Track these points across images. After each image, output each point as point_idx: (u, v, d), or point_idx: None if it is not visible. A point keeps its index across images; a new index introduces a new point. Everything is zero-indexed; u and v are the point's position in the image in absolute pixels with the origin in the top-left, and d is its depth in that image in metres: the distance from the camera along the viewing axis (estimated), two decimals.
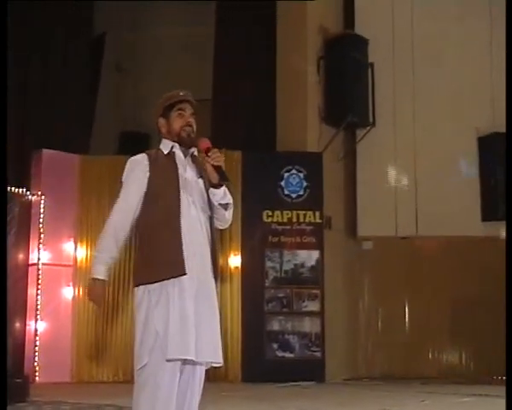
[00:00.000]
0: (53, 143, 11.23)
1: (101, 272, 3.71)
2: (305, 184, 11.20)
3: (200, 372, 3.74)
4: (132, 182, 3.77)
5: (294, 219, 11.10)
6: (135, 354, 3.65)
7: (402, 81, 12.10)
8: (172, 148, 3.85)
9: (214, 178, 3.78)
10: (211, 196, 3.82)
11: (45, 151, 11.11)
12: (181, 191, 3.73)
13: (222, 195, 3.83)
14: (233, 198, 3.98)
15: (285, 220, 11.09)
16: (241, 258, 10.89)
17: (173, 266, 3.60)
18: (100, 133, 13.64)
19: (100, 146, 13.26)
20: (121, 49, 14.65)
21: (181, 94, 3.90)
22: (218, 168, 3.76)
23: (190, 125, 3.86)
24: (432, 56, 12.12)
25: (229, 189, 3.91)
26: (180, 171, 3.79)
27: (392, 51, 12.22)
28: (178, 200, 3.70)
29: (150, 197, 3.72)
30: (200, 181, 3.85)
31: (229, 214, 3.92)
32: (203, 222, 3.78)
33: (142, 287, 3.68)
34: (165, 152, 3.84)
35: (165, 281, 3.60)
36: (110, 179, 11.12)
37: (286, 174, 11.20)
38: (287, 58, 12.01)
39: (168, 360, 3.52)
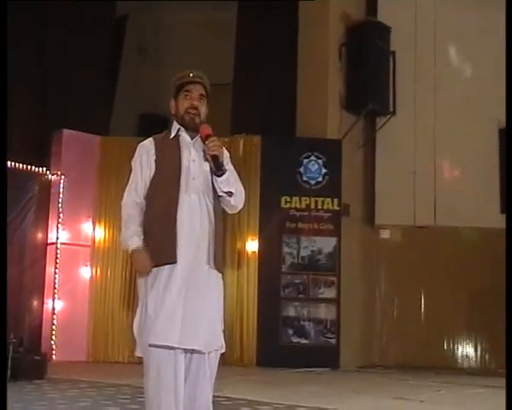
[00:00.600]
0: (73, 124, 11.28)
1: (136, 242, 3.63)
2: (323, 170, 11.19)
3: (210, 359, 3.67)
4: (139, 166, 3.76)
5: (312, 206, 11.10)
6: (135, 336, 3.67)
7: (423, 70, 12.04)
8: (179, 130, 3.79)
9: (212, 166, 3.72)
10: (215, 183, 3.73)
11: (66, 131, 11.17)
12: (182, 176, 3.66)
13: (224, 183, 3.72)
14: (251, 183, 3.95)
15: (303, 207, 11.09)
16: (259, 243, 10.90)
17: (165, 253, 3.57)
18: (120, 114, 13.66)
19: (119, 127, 13.29)
20: (143, 31, 14.64)
21: (190, 75, 3.79)
22: (213, 157, 3.67)
23: (195, 108, 3.76)
24: (454, 45, 12.04)
25: (240, 176, 3.85)
26: (184, 154, 3.73)
27: (415, 40, 12.14)
28: (178, 185, 3.64)
29: (154, 181, 3.71)
30: (206, 165, 3.74)
31: (234, 201, 3.80)
32: (205, 208, 3.69)
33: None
34: (172, 135, 3.79)
35: (160, 267, 3.58)
36: (129, 160, 11.11)
37: (305, 160, 11.19)
38: (308, 44, 11.97)
39: (150, 345, 3.52)
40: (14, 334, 7.89)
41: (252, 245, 10.90)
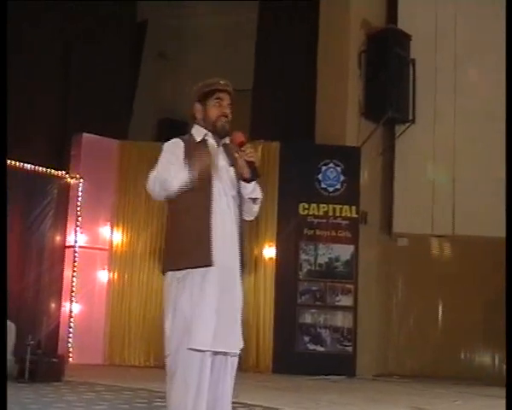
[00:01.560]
0: (93, 128, 11.33)
1: (182, 170, 3.61)
2: (342, 178, 11.17)
3: (231, 360, 3.73)
4: (169, 155, 3.72)
5: (330, 213, 11.07)
6: (165, 340, 3.66)
7: (443, 78, 11.99)
8: (205, 136, 3.82)
9: (246, 172, 3.76)
10: (241, 189, 3.81)
11: (85, 135, 11.23)
12: (213, 180, 3.70)
13: (252, 189, 3.82)
14: (270, 189, 3.99)
15: (321, 214, 11.07)
16: (276, 249, 10.89)
17: (201, 256, 3.59)
18: (139, 119, 13.72)
19: (138, 132, 13.35)
20: (163, 36, 14.69)
21: (221, 83, 3.86)
22: (250, 164, 3.74)
23: (226, 116, 3.81)
24: (474, 54, 11.99)
25: (260, 184, 3.88)
26: (212, 158, 3.75)
27: (435, 48, 12.10)
28: (210, 189, 3.68)
29: None
30: (231, 170, 3.82)
31: (256, 208, 3.91)
32: (233, 211, 3.76)
33: (170, 274, 3.68)
34: (198, 139, 3.80)
35: (192, 269, 3.60)
36: (148, 165, 11.02)
37: (323, 167, 11.17)
38: (328, 51, 11.96)
39: (188, 348, 3.53)
40: (32, 336, 7.94)
41: (269, 251, 10.89)
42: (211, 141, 3.82)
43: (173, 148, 3.76)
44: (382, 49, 11.79)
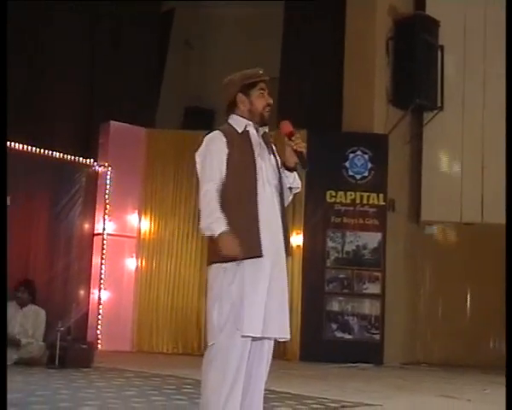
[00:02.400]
0: (120, 116, 11.39)
1: (223, 226, 3.59)
2: (369, 165, 11.13)
3: (267, 345, 3.77)
4: (214, 156, 3.72)
5: (358, 201, 11.04)
6: (208, 329, 3.69)
7: (472, 64, 11.87)
8: (246, 126, 3.83)
9: (291, 162, 3.82)
10: (283, 178, 3.86)
11: (113, 123, 11.28)
12: (257, 171, 3.73)
13: (293, 178, 3.89)
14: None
15: (348, 201, 11.04)
16: (303, 237, 10.89)
17: (250, 247, 3.60)
18: (165, 107, 13.76)
19: (165, 120, 13.39)
20: (189, 25, 14.70)
21: (261, 72, 3.90)
22: (299, 154, 3.79)
23: (270, 106, 3.86)
24: (503, 39, 11.83)
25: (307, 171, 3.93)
26: (256, 150, 3.79)
27: (463, 34, 11.98)
28: (255, 180, 3.71)
29: (228, 175, 3.70)
30: (273, 159, 3.86)
31: (291, 197, 3.98)
32: (276, 200, 3.79)
33: (216, 265, 3.69)
34: (239, 130, 3.81)
35: (241, 260, 3.61)
36: (176, 153, 11.28)
37: (351, 155, 11.13)
38: (355, 38, 11.88)
39: (237, 335, 3.56)
40: (62, 323, 8.01)
41: (296, 239, 10.88)
42: (252, 131, 3.84)
43: (214, 145, 3.74)
44: (410, 35, 11.68)
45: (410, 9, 12.22)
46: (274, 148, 3.92)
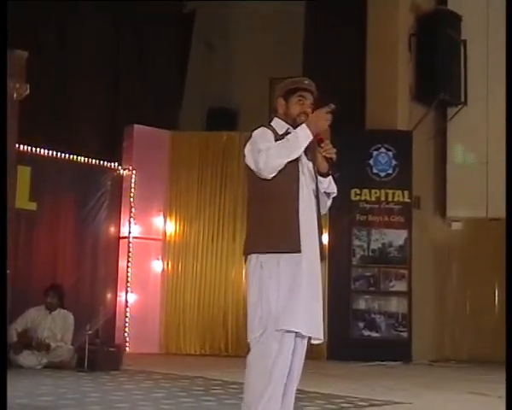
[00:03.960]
0: (143, 119, 11.43)
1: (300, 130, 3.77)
2: (394, 162, 11.08)
3: (302, 346, 3.80)
4: (263, 138, 3.80)
5: (383, 198, 11.01)
6: (248, 323, 3.74)
7: (495, 59, 11.75)
8: (288, 130, 3.91)
9: (324, 168, 3.91)
10: (319, 184, 3.94)
11: (137, 126, 11.33)
12: (300, 172, 3.82)
13: (328, 183, 3.97)
14: None
15: (373, 199, 11.01)
16: (329, 236, 10.84)
17: (290, 242, 3.69)
18: (189, 109, 13.77)
19: (188, 122, 13.41)
20: (211, 25, 14.70)
21: (306, 82, 4.00)
22: (329, 160, 3.87)
23: (307, 115, 3.90)
24: None
25: (334, 178, 4.00)
26: None
27: (487, 28, 11.89)
28: (298, 179, 3.80)
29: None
30: (310, 164, 3.94)
31: (329, 203, 4.08)
32: (313, 202, 3.89)
33: (254, 257, 3.75)
34: (280, 132, 3.89)
35: (279, 254, 3.69)
36: (200, 155, 11.32)
37: (375, 152, 11.10)
38: (378, 35, 11.83)
39: (278, 330, 3.60)
40: (90, 326, 8.07)
41: (322, 238, 10.82)
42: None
43: (266, 135, 3.84)
44: (432, 31, 11.63)
45: (432, 5, 12.16)
46: (314, 154, 3.98)
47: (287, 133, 3.88)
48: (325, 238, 10.83)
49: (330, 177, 3.96)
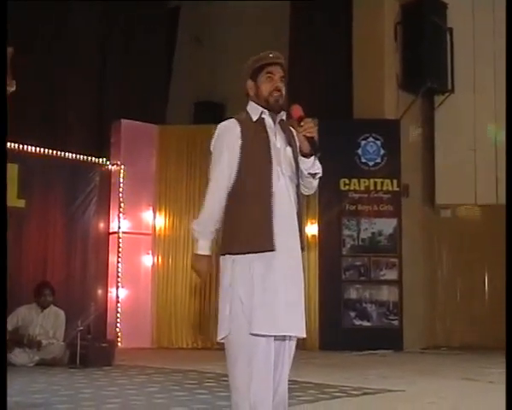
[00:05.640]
0: (130, 114, 11.41)
1: (205, 248, 3.57)
2: (382, 151, 11.10)
3: (289, 344, 3.63)
4: (224, 150, 3.60)
5: (372, 188, 11.03)
6: (219, 320, 3.56)
7: (481, 45, 11.79)
8: (261, 114, 3.67)
9: (306, 147, 3.62)
10: (300, 165, 3.67)
11: (124, 121, 11.30)
12: (273, 162, 3.59)
13: (311, 164, 3.67)
14: None
15: (362, 189, 11.03)
16: (318, 226, 10.89)
17: (262, 241, 3.48)
18: (176, 103, 13.76)
19: (176, 116, 13.40)
20: (197, 20, 14.67)
21: (271, 55, 3.68)
22: (310, 139, 3.60)
23: (279, 90, 3.65)
24: None
25: (318, 158, 3.73)
26: (271, 139, 3.64)
27: (472, 16, 11.90)
28: (270, 171, 3.56)
29: (242, 166, 3.57)
30: (289, 149, 3.68)
31: (315, 183, 3.78)
32: (291, 192, 3.64)
33: (227, 257, 3.56)
34: (254, 118, 3.66)
35: (252, 254, 3.48)
36: (188, 148, 11.30)
37: (363, 142, 11.11)
38: (363, 25, 11.83)
39: (253, 334, 3.42)
40: (81, 322, 8.06)
41: (311, 229, 10.87)
42: (267, 119, 3.68)
43: (226, 136, 3.62)
44: (418, 19, 11.61)
45: None
46: (294, 135, 3.73)
47: (261, 119, 3.65)
48: (315, 229, 10.88)
49: (313, 157, 3.66)
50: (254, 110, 3.69)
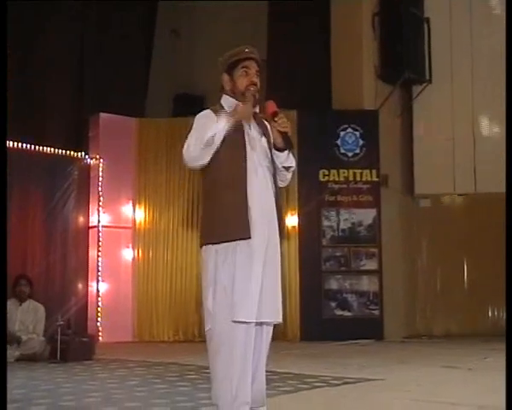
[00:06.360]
0: (109, 107, 11.35)
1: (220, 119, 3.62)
2: (361, 142, 11.13)
3: (266, 329, 3.74)
4: (204, 120, 3.68)
5: (351, 178, 11.06)
6: (205, 314, 3.63)
7: (459, 35, 11.86)
8: (236, 106, 3.73)
9: (279, 142, 3.74)
10: (274, 158, 3.78)
11: (102, 115, 11.25)
12: (247, 151, 3.67)
13: (285, 157, 3.80)
14: None
15: (341, 179, 11.06)
16: (298, 217, 10.90)
17: (239, 229, 3.56)
18: (155, 96, 13.70)
19: (155, 109, 13.33)
20: (175, 13, 14.62)
21: (246, 51, 3.78)
22: (283, 134, 3.71)
23: (255, 85, 3.75)
24: (490, 10, 11.82)
25: (292, 152, 3.86)
26: (246, 130, 3.73)
27: (449, 4, 11.95)
28: (245, 160, 3.64)
29: (218, 154, 3.62)
30: (264, 139, 3.78)
31: (289, 176, 3.90)
32: (269, 181, 3.73)
33: (208, 246, 3.65)
34: (229, 110, 3.72)
35: (232, 242, 3.57)
36: (167, 141, 11.26)
37: (342, 133, 11.14)
38: (341, 16, 11.87)
39: (235, 321, 3.51)
40: (62, 317, 8.03)
41: (291, 220, 10.89)
42: None
43: (206, 117, 3.72)
44: (395, 9, 11.67)
45: None
46: (268, 127, 3.83)
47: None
48: (295, 220, 10.89)
49: (287, 151, 3.78)
50: (228, 103, 3.78)
